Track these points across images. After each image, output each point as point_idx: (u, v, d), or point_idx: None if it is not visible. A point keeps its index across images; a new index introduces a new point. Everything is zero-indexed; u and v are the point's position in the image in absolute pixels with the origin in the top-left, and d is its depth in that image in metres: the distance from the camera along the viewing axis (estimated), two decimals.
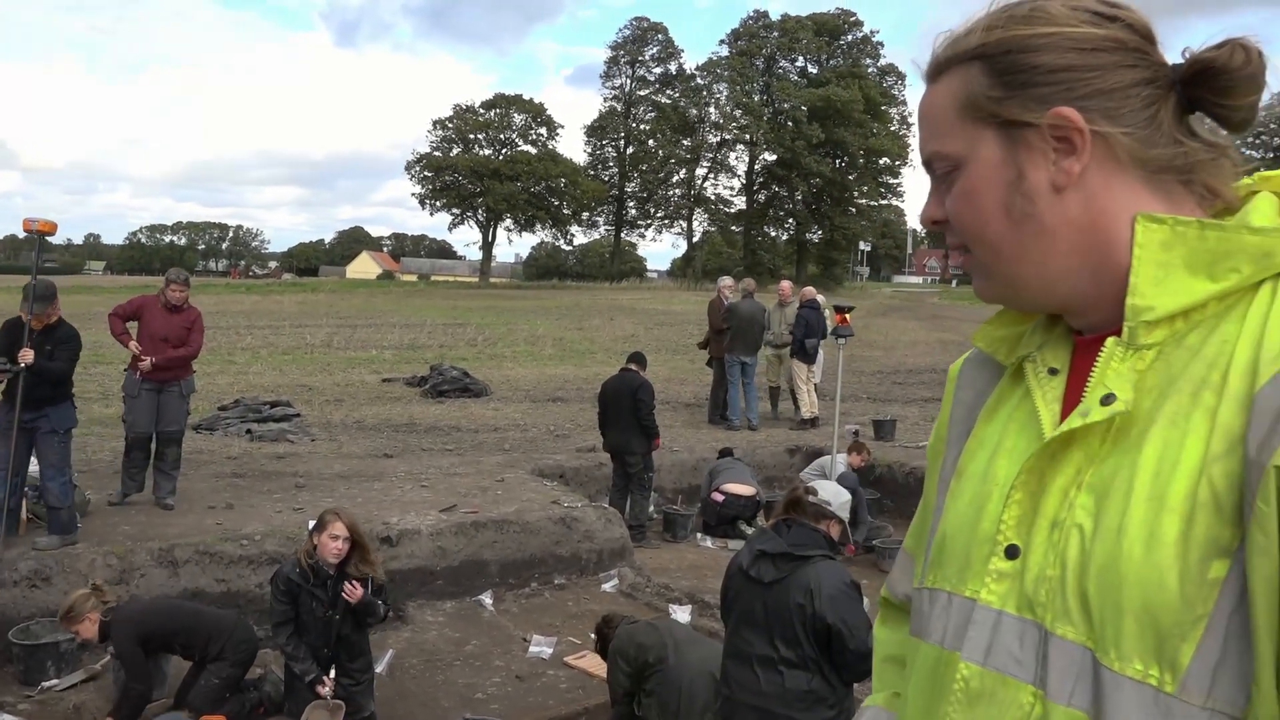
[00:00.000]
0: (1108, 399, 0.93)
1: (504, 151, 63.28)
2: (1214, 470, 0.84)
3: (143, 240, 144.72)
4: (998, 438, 1.07)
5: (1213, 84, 0.96)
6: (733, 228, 65.96)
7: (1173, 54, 0.99)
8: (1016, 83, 0.96)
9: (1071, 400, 1.01)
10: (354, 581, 5.14)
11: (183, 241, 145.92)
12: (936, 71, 1.04)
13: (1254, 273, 0.91)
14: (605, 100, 65.88)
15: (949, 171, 1.02)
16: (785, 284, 13.96)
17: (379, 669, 5.79)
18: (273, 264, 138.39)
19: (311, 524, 5.35)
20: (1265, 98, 0.97)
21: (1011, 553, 0.97)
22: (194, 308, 7.70)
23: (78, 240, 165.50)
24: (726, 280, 13.83)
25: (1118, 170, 0.96)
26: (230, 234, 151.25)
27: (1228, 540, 0.83)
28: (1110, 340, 0.96)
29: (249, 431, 11.32)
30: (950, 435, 1.18)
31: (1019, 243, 0.99)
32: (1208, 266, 0.92)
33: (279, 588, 5.22)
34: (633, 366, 9.32)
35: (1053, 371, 1.04)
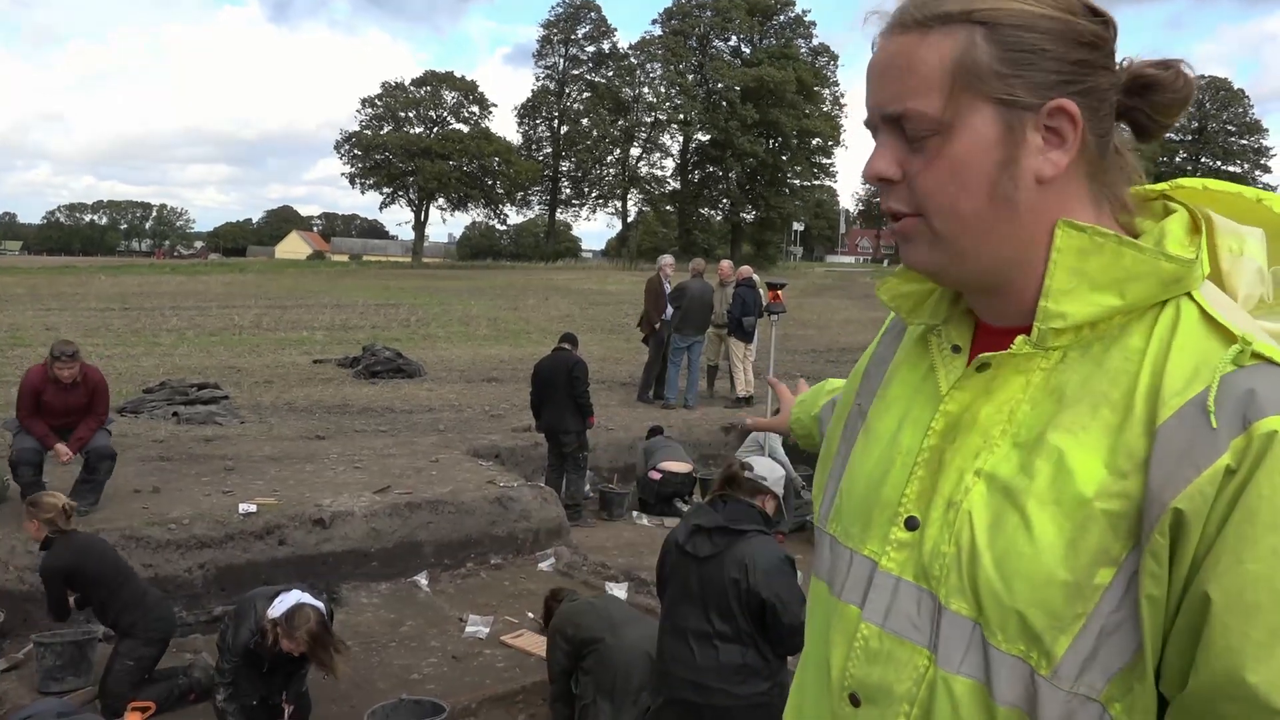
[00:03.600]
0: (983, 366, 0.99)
1: (435, 130, 62.43)
2: (1114, 489, 0.89)
3: (61, 219, 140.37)
4: (906, 405, 1.10)
5: (1152, 99, 0.98)
6: (667, 208, 65.97)
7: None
8: (1023, 61, 0.93)
9: None
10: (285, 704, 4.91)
11: (104, 221, 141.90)
12: (918, 24, 0.95)
13: (1160, 294, 0.94)
14: (538, 79, 65.37)
15: (925, 134, 0.95)
16: (725, 264, 14.02)
17: None
18: (198, 244, 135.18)
19: (282, 609, 4.77)
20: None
21: (911, 524, 1.02)
22: (91, 371, 7.06)
23: None
24: (667, 259, 13.82)
25: (1076, 172, 0.97)
26: (154, 213, 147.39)
27: (1116, 552, 0.88)
28: (1020, 338, 0.98)
29: (175, 414, 11.06)
30: (862, 387, 1.21)
31: (988, 223, 0.96)
32: (1119, 284, 0.94)
33: (245, 649, 4.84)
34: (566, 346, 9.30)
35: (955, 349, 1.07)
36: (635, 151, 64.72)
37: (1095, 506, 0.89)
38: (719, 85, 60.35)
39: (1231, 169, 74.03)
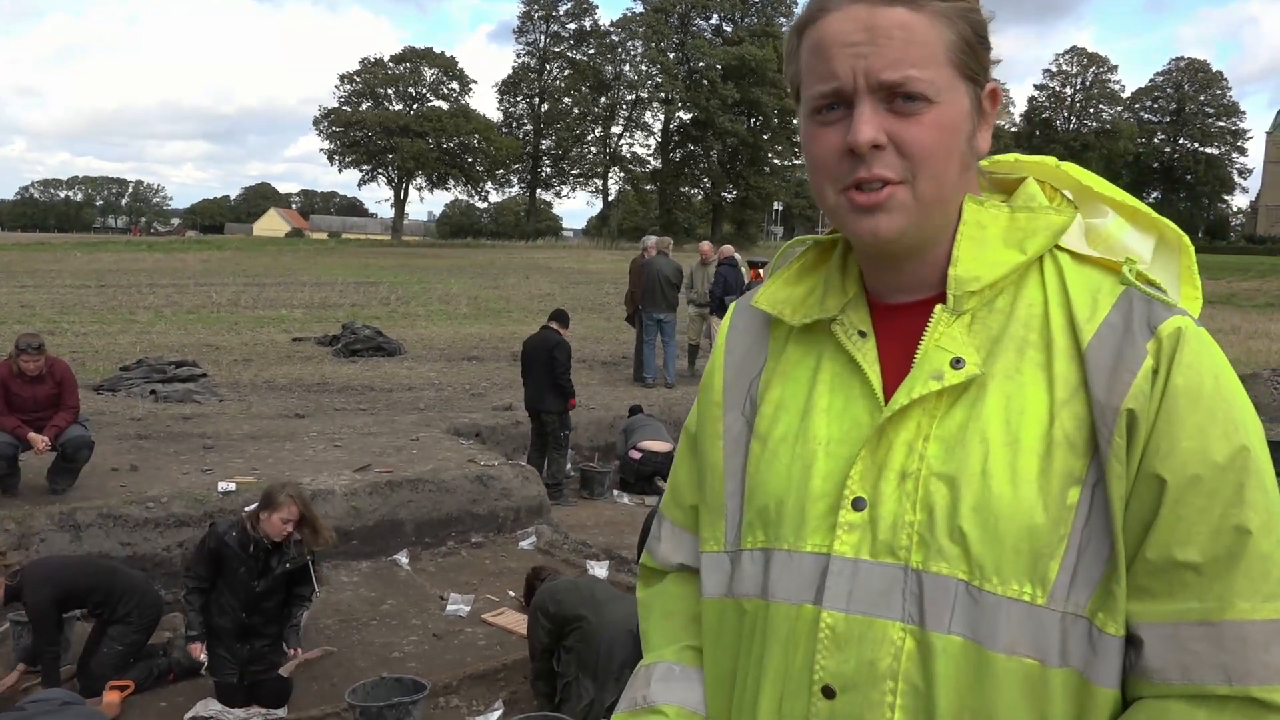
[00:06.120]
0: (957, 363, 1.03)
1: (415, 107, 62.01)
2: (1063, 414, 0.99)
3: (35, 195, 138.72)
4: (804, 399, 1.13)
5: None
6: (648, 186, 65.83)
7: None
8: (983, 45, 1.05)
9: (886, 361, 1.09)
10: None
11: (79, 197, 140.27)
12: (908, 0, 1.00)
13: (1051, 244, 1.07)
14: (519, 56, 64.96)
15: (920, 103, 1.00)
16: (705, 244, 14.10)
17: None
18: (175, 221, 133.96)
19: (257, 502, 4.99)
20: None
21: (858, 505, 1.04)
22: (57, 363, 6.93)
23: None
24: (651, 239, 13.82)
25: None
26: (130, 189, 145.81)
27: (1080, 470, 0.98)
28: (938, 307, 1.07)
29: (153, 392, 10.99)
30: (726, 400, 1.21)
31: (954, 188, 1.07)
32: (1020, 243, 1.07)
33: (208, 546, 5.02)
34: (553, 325, 9.27)
35: (862, 334, 1.12)
36: (616, 130, 64.57)
37: (1054, 434, 0.99)
38: (700, 64, 60.18)
39: (1209, 150, 74.45)
